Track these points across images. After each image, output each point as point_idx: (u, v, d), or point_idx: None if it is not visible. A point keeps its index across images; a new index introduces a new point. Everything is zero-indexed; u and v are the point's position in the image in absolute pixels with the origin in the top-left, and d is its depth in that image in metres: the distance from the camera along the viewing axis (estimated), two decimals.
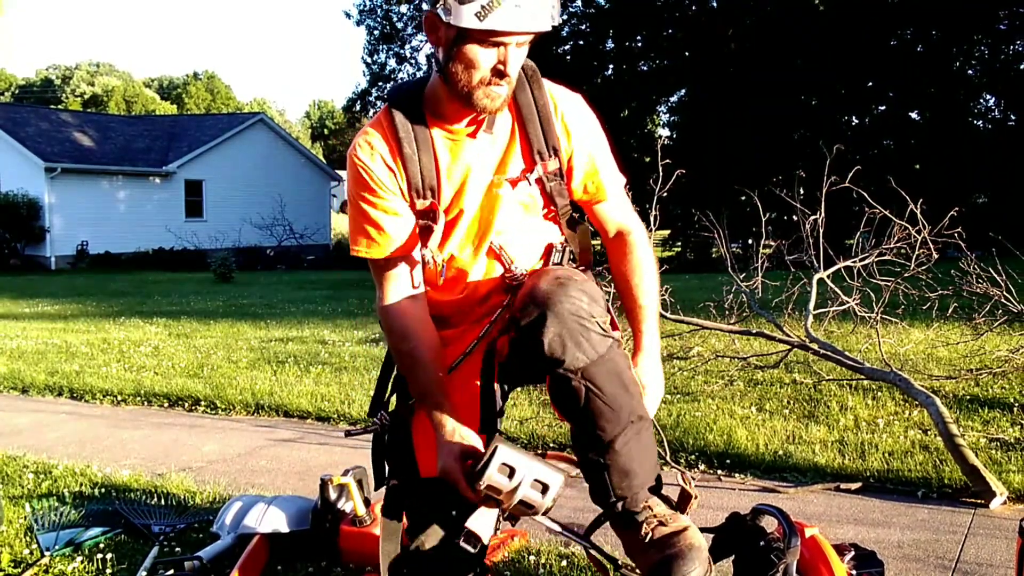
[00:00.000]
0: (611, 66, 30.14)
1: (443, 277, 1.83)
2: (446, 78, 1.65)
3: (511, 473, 1.58)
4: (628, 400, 1.62)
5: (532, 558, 2.88)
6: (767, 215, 5.09)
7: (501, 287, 1.86)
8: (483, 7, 1.52)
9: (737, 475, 3.79)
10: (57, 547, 2.97)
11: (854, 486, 3.55)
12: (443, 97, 1.72)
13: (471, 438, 1.70)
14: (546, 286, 1.60)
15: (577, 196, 1.90)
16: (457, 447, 1.67)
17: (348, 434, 2.24)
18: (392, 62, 32.42)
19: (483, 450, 1.61)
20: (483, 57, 1.60)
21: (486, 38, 1.57)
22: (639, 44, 29.26)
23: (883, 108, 24.58)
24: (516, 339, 1.64)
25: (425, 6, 1.64)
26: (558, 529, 1.95)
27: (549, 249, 1.91)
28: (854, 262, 4.72)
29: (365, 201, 1.76)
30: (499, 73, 1.62)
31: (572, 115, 1.84)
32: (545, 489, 1.60)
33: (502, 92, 1.66)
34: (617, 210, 1.94)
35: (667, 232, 25.49)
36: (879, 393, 4.85)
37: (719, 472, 3.83)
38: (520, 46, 1.63)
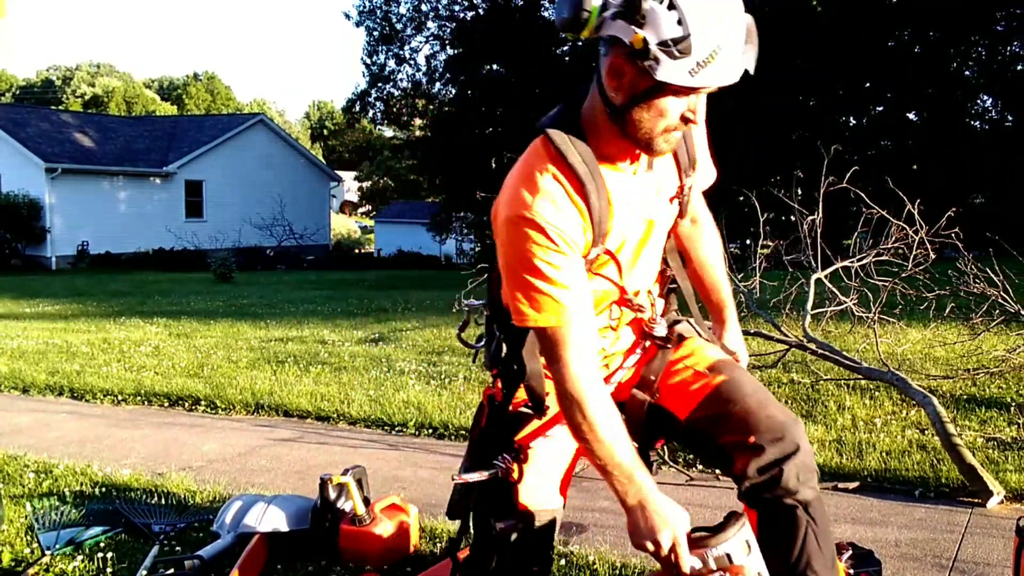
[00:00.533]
0: None
1: (612, 326, 1.81)
2: (623, 121, 1.54)
3: (749, 550, 1.57)
4: (831, 540, 1.73)
5: None
6: (765, 215, 5.10)
7: (639, 331, 1.86)
8: (698, 64, 1.43)
9: None
10: (58, 546, 2.98)
11: (852, 485, 3.56)
12: (606, 133, 1.59)
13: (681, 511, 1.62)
14: (786, 419, 1.69)
15: None
16: (683, 517, 1.58)
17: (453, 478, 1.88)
18: (391, 63, 32.46)
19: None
20: (675, 107, 1.52)
21: (687, 91, 1.49)
22: None
23: (881, 108, 24.58)
24: (741, 455, 1.67)
25: (603, 49, 1.53)
26: None
27: (664, 279, 1.93)
28: (852, 262, 4.73)
29: (549, 265, 1.55)
30: (686, 120, 1.55)
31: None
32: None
33: (680, 136, 1.60)
34: (698, 198, 1.95)
35: None
36: (877, 393, 4.86)
37: (717, 471, 3.84)
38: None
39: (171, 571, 2.75)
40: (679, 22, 1.41)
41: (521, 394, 1.79)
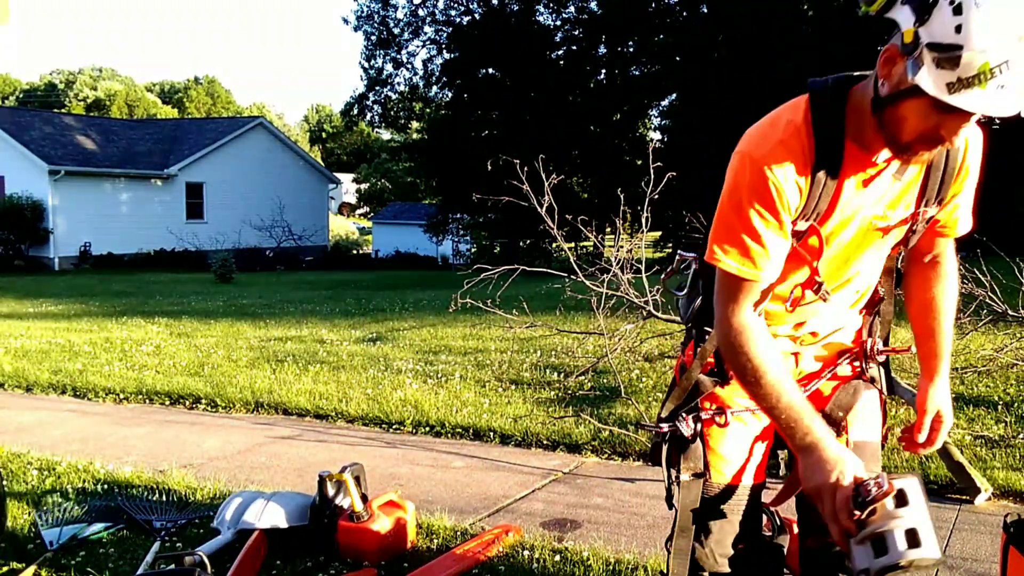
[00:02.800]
0: (603, 71, 30.30)
1: (789, 303, 1.68)
2: (881, 114, 1.44)
3: (921, 498, 1.45)
4: None
5: (526, 553, 2.94)
6: None
7: (833, 355, 1.79)
8: (960, 80, 1.28)
9: None
10: (61, 542, 3.03)
11: None
12: (865, 120, 1.49)
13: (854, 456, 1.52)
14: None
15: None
16: (856, 461, 1.48)
17: (640, 427, 1.95)
18: (389, 67, 32.61)
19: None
20: (926, 119, 1.37)
21: (943, 106, 1.33)
22: (631, 50, 29.40)
23: None
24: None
25: (893, 40, 1.41)
26: None
27: (876, 299, 1.82)
28: None
29: (759, 216, 1.53)
30: (938, 141, 1.41)
31: (973, 158, 1.64)
32: (914, 543, 1.40)
33: (931, 154, 1.47)
34: (948, 244, 1.77)
35: (659, 234, 25.58)
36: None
37: None
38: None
39: (172, 566, 2.78)
40: (958, 29, 1.27)
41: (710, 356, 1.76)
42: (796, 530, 1.92)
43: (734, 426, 1.75)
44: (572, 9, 29.82)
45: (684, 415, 1.74)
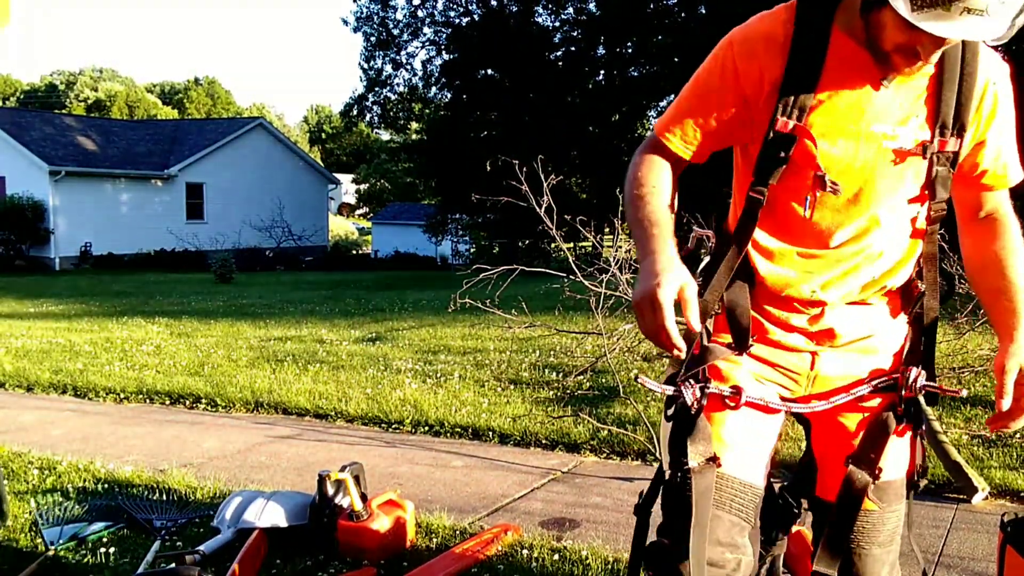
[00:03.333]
0: (602, 72, 30.30)
1: (810, 209, 1.48)
2: (867, 18, 1.36)
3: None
4: None
5: (525, 552, 2.95)
6: None
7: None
8: (925, 3, 1.23)
9: None
10: (61, 541, 3.04)
11: None
12: (855, 23, 1.41)
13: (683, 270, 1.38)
14: None
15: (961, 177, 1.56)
16: (682, 272, 1.35)
17: (636, 378, 1.57)
18: (388, 68, 32.65)
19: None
20: (904, 34, 1.31)
21: (908, 24, 1.27)
22: (629, 51, 29.42)
23: None
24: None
25: None
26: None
27: (915, 292, 1.65)
28: None
29: (711, 96, 1.48)
30: (916, 56, 1.34)
31: (1002, 96, 1.49)
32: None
33: (913, 69, 1.38)
34: (1003, 196, 1.60)
35: None
36: None
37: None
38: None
39: (172, 565, 2.79)
40: None
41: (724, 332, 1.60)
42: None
43: (746, 412, 1.57)
44: (571, 10, 29.84)
45: (691, 381, 1.50)
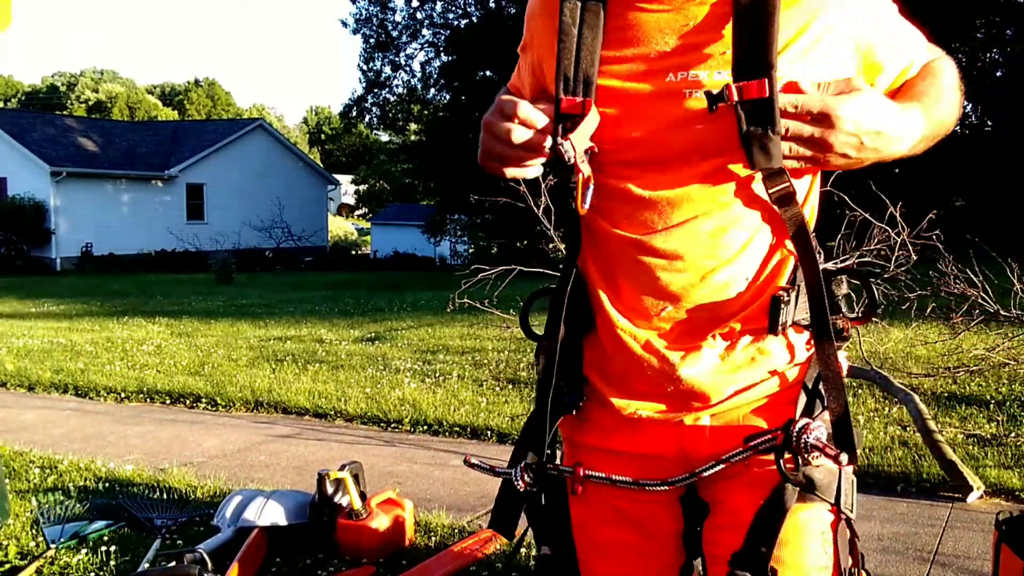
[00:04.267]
0: None
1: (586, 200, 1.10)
2: None
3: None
4: None
5: (523, 550, 2.96)
6: None
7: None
8: None
9: None
10: (62, 540, 3.06)
11: None
12: None
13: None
14: None
15: None
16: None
17: (468, 463, 1.37)
18: (387, 69, 32.65)
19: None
20: None
21: None
22: None
23: None
24: None
25: None
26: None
27: (777, 261, 1.09)
28: (835, 263, 4.81)
29: (524, 44, 1.36)
30: None
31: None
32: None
33: None
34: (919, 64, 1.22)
35: None
36: (859, 390, 4.94)
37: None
38: None
39: (172, 564, 2.79)
40: None
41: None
42: None
43: (593, 499, 1.20)
44: None
45: (527, 460, 1.24)
